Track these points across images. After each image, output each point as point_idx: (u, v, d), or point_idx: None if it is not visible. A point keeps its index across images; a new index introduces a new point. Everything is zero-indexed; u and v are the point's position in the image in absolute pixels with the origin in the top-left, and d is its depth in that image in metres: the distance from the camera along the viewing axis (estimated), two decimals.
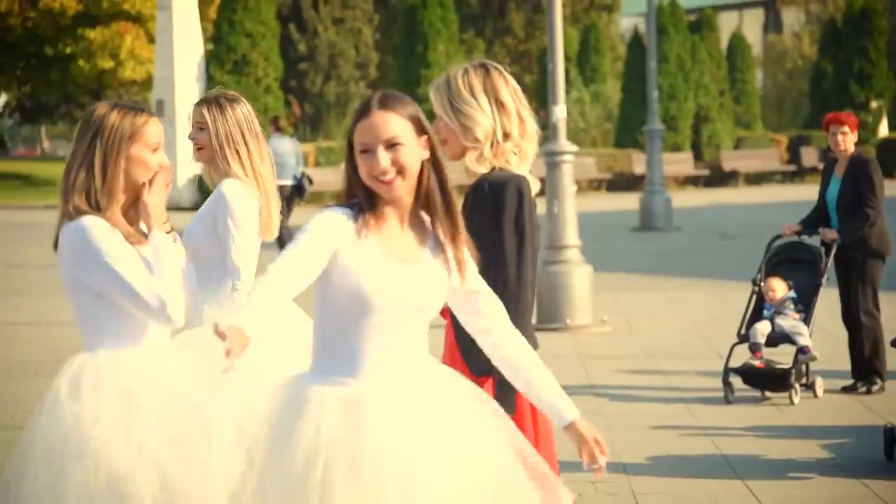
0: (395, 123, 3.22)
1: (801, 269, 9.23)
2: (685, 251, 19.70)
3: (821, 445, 7.64)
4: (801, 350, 8.88)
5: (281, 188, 16.19)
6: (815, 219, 9.37)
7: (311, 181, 18.66)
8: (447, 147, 4.06)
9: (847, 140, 9.19)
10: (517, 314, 3.88)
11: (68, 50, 40.27)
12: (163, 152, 3.85)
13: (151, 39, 37.47)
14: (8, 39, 40.60)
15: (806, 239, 9.40)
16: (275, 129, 18.88)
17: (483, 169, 3.97)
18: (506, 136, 3.98)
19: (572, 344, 11.40)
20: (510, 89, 4.02)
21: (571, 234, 12.47)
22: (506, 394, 3.87)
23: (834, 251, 9.11)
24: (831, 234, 9.11)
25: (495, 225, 3.91)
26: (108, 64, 39.95)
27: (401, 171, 3.22)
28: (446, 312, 3.99)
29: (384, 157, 3.19)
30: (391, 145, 3.21)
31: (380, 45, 44.57)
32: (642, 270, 17.06)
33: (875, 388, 9.10)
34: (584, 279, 12.38)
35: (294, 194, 18.15)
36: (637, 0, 50.36)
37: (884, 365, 9.14)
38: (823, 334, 10.17)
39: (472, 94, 3.97)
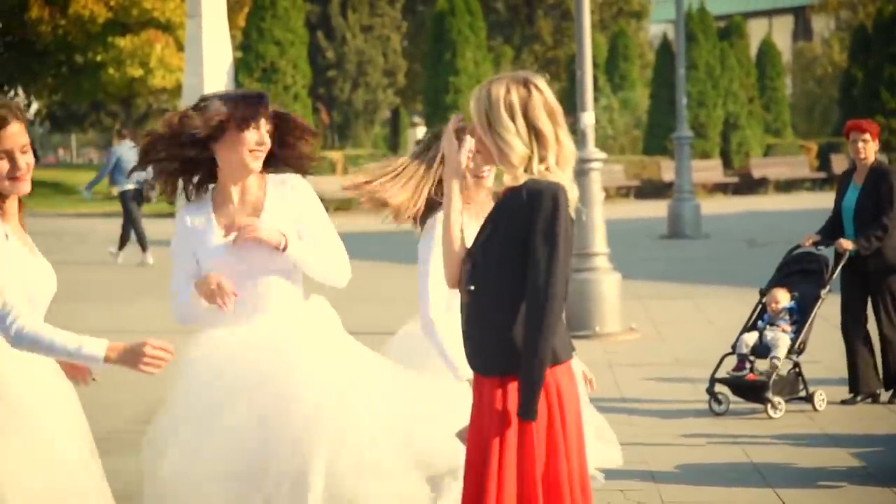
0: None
1: (811, 280, 9.16)
2: (714, 259, 19.63)
3: (851, 454, 7.59)
4: (773, 361, 8.81)
5: (122, 193, 19.39)
6: (831, 229, 9.30)
7: (153, 187, 21.13)
8: (480, 156, 4.06)
9: (868, 148, 9.12)
10: (543, 326, 3.87)
11: (98, 58, 40.47)
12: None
13: (181, 47, 37.64)
14: (38, 47, 40.85)
15: (822, 249, 9.32)
16: (121, 138, 21.66)
17: (519, 182, 3.96)
18: (541, 160, 3.95)
19: (601, 351, 11.38)
20: (548, 109, 3.96)
21: (600, 242, 12.44)
22: (529, 400, 3.86)
23: (844, 262, 9.03)
24: (847, 244, 9.01)
25: (527, 233, 3.89)
26: (137, 72, 40.14)
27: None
28: None
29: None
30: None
31: (408, 53, 44.62)
32: (671, 278, 17.01)
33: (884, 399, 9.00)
34: (612, 286, 12.35)
35: (135, 199, 19.82)
36: (666, 7, 50.31)
37: None
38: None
39: (512, 118, 3.92)
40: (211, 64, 32.15)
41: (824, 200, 29.43)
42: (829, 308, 9.49)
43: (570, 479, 3.94)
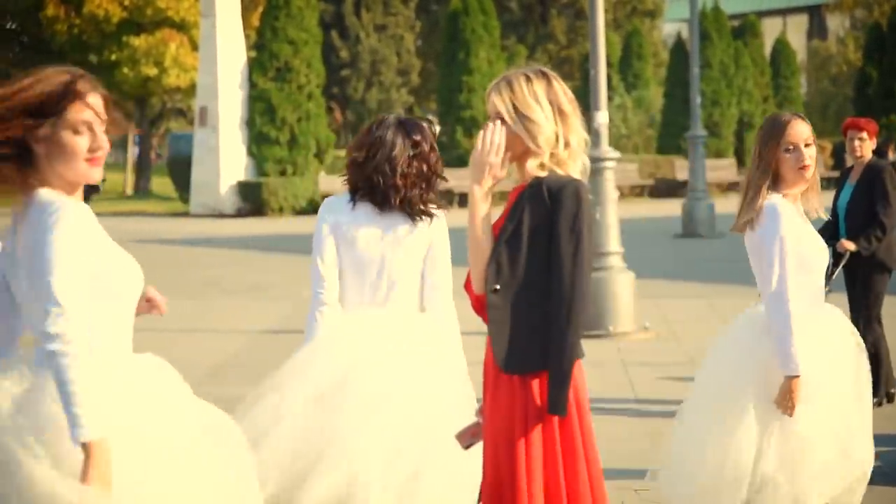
0: None
1: None
2: (728, 258, 19.59)
3: None
4: None
5: None
6: (833, 229, 9.29)
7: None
8: (507, 153, 4.03)
9: (864, 146, 9.14)
10: (569, 323, 3.88)
11: (113, 57, 40.59)
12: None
13: (195, 47, 37.71)
14: (53, 46, 40.98)
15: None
16: None
17: (542, 172, 3.97)
18: (566, 144, 3.99)
19: (615, 351, 11.37)
20: (569, 98, 4.03)
21: (613, 241, 12.45)
22: (559, 395, 3.88)
23: (844, 262, 9.00)
24: (849, 245, 8.98)
25: (551, 229, 3.90)
26: (152, 71, 40.24)
27: None
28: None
29: None
30: None
31: (422, 52, 44.67)
32: (685, 277, 16.99)
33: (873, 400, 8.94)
34: (626, 286, 12.35)
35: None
36: (680, 6, 50.26)
37: (889, 377, 9.00)
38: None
39: (537, 101, 3.97)
40: (225, 63, 32.38)
41: None
42: (844, 308, 9.44)
43: (590, 475, 3.98)
